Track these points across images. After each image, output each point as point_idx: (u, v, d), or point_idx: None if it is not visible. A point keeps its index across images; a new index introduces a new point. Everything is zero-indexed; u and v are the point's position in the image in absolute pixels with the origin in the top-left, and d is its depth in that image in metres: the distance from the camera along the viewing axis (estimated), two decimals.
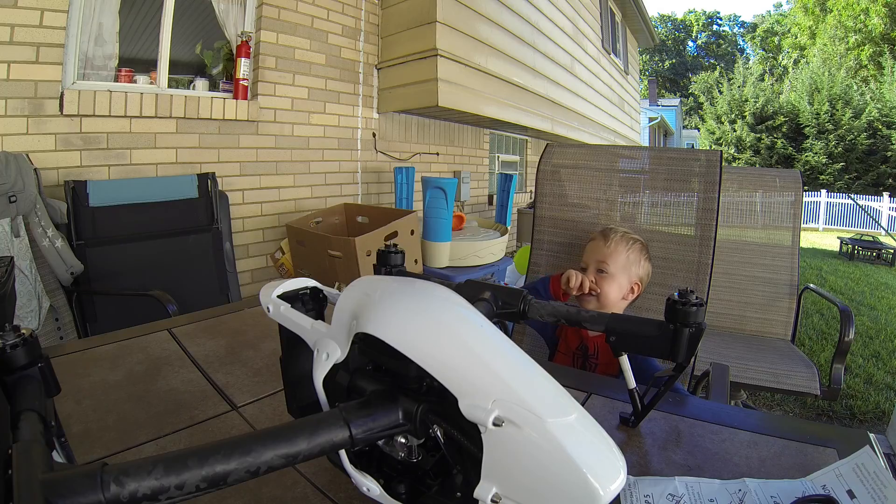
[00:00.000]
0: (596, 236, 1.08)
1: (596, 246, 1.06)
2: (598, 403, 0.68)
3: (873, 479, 0.46)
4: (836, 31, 19.19)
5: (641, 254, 1.05)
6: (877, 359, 3.06)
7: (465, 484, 0.35)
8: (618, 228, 1.08)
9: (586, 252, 1.08)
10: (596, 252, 1.05)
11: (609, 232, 1.06)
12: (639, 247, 1.05)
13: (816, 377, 1.63)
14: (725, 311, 2.10)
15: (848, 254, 7.36)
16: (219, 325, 0.96)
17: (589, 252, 1.07)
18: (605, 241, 1.05)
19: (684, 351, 0.48)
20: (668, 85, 34.35)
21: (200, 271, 2.11)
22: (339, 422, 0.32)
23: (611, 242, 1.04)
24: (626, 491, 0.47)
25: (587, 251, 1.08)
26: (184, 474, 0.26)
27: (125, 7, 2.21)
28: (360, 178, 3.30)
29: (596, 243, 1.07)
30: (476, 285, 0.55)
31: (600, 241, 1.06)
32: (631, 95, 8.76)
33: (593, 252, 1.06)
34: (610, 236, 1.05)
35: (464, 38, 3.26)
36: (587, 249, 1.09)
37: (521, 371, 0.31)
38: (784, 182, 2.14)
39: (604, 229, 1.09)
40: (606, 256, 1.03)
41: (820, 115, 14.86)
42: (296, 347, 0.47)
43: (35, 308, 1.56)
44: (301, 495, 0.48)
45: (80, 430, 0.58)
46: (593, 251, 1.06)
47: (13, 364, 0.34)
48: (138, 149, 2.17)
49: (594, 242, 1.07)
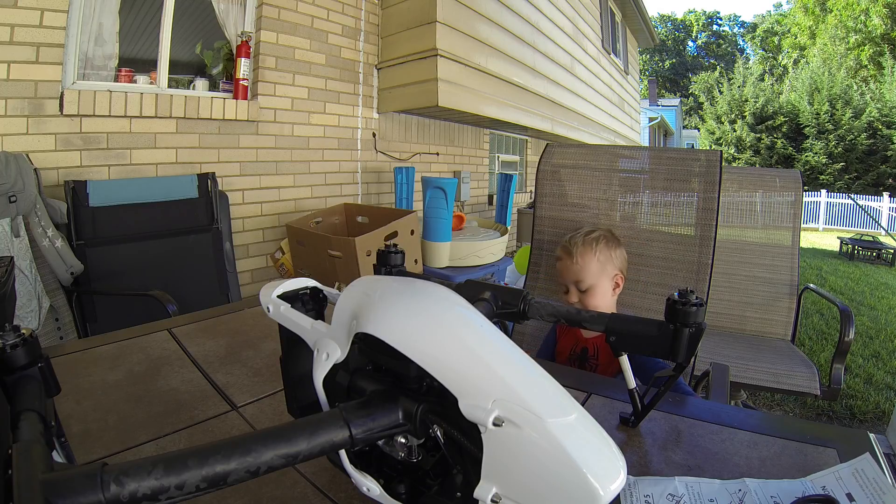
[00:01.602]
0: (561, 255, 1.06)
1: (565, 266, 1.04)
2: (598, 403, 0.68)
3: (872, 485, 0.46)
4: (836, 31, 19.18)
5: (610, 246, 1.03)
6: (877, 359, 3.06)
7: (465, 484, 0.35)
8: (576, 236, 1.05)
9: (560, 273, 1.06)
10: (567, 273, 1.03)
11: (570, 246, 1.03)
12: (604, 242, 1.03)
13: (816, 377, 1.63)
14: (725, 311, 2.10)
15: (848, 254, 7.36)
16: (219, 325, 0.96)
17: (562, 273, 1.05)
18: (570, 258, 1.02)
19: (684, 351, 0.48)
20: (668, 85, 34.35)
21: (200, 271, 2.11)
22: (339, 422, 0.32)
23: (576, 257, 1.01)
24: (626, 491, 0.47)
25: (560, 272, 1.06)
26: (184, 474, 0.26)
27: (125, 7, 2.21)
28: (360, 178, 3.30)
29: (563, 263, 1.04)
30: (476, 285, 0.55)
31: (566, 259, 1.03)
32: (631, 95, 8.76)
33: (566, 273, 1.04)
34: (573, 250, 1.02)
35: (464, 38, 3.26)
36: (559, 270, 1.06)
37: (521, 371, 0.31)
38: (784, 182, 2.14)
39: (564, 244, 1.06)
40: (579, 273, 1.01)
41: (820, 115, 14.86)
42: (296, 347, 0.47)
43: (35, 308, 1.56)
44: (301, 495, 0.48)
45: (80, 430, 0.58)
46: (565, 272, 1.04)
47: (13, 364, 0.34)
48: (138, 149, 2.17)
49: (562, 262, 1.05)
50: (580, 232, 1.07)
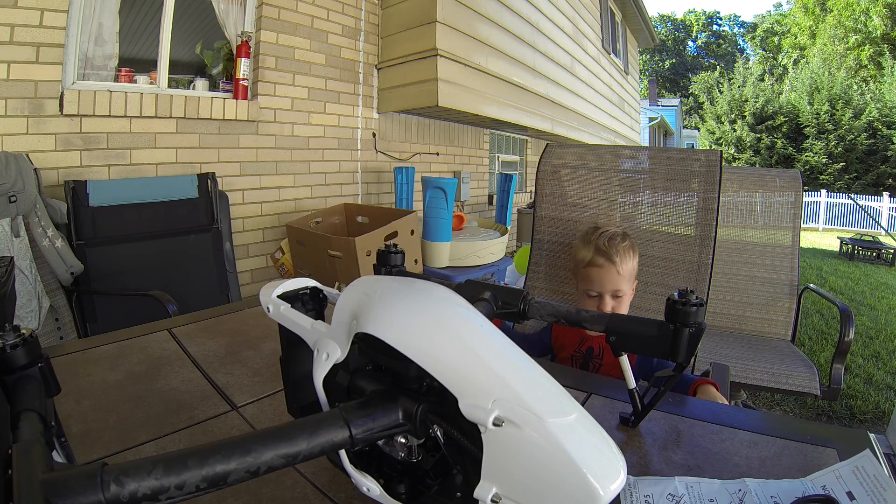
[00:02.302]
0: (602, 263, 0.98)
1: (607, 275, 0.97)
2: (598, 403, 0.68)
3: (873, 482, 0.46)
4: (836, 31, 19.18)
5: (636, 252, 1.01)
6: (877, 359, 3.06)
7: (465, 484, 0.35)
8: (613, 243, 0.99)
9: (593, 280, 0.99)
10: (609, 282, 0.97)
11: (610, 252, 0.97)
12: (632, 246, 1.01)
13: (816, 377, 1.63)
14: (725, 311, 2.10)
15: (848, 254, 7.36)
16: (219, 325, 0.96)
17: (599, 281, 0.98)
18: (613, 266, 0.96)
19: (684, 351, 0.48)
20: (668, 85, 34.35)
21: (200, 271, 2.11)
22: (339, 422, 0.32)
23: (620, 266, 0.96)
24: (626, 491, 0.47)
25: (595, 279, 0.99)
26: (184, 474, 0.26)
27: (125, 7, 2.21)
28: (360, 178, 3.30)
29: (604, 271, 0.97)
30: (476, 285, 0.55)
31: (609, 268, 0.97)
32: (631, 95, 8.76)
33: (607, 281, 0.97)
34: (614, 258, 0.96)
35: (464, 38, 3.26)
36: (594, 277, 0.99)
37: (521, 371, 0.31)
38: (784, 182, 2.14)
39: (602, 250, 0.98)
40: (620, 283, 0.97)
41: (820, 115, 14.86)
42: (296, 347, 0.47)
43: (35, 308, 1.56)
44: (301, 495, 0.48)
45: (80, 430, 0.58)
46: (607, 281, 0.97)
47: (13, 364, 0.34)
48: (138, 149, 2.17)
49: (602, 270, 0.97)
50: (607, 234, 1.01)
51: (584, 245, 1.03)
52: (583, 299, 1.02)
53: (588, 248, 1.01)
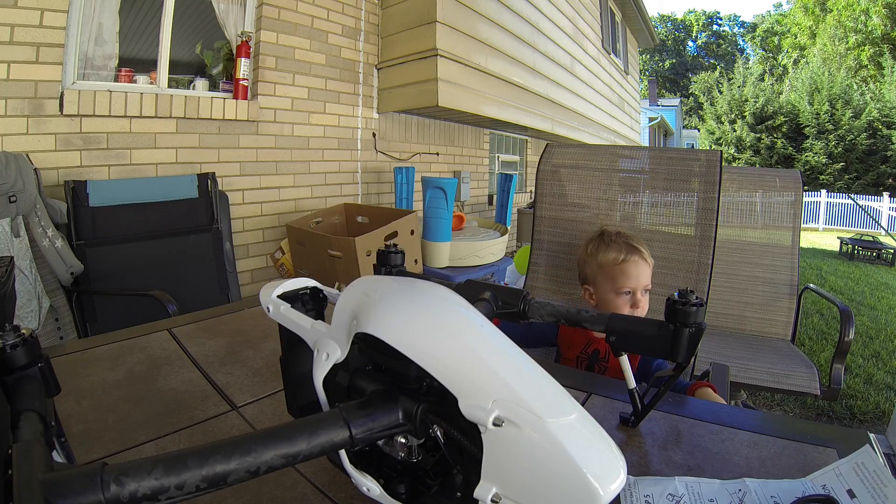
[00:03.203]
0: (634, 258, 0.99)
1: (642, 268, 0.98)
2: (598, 403, 0.68)
3: (873, 479, 0.46)
4: (836, 31, 19.18)
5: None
6: (877, 359, 3.06)
7: (465, 484, 0.35)
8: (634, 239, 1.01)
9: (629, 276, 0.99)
10: (644, 274, 0.98)
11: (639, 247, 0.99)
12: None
13: (816, 377, 1.63)
14: (725, 311, 2.10)
15: (848, 254, 7.36)
16: (219, 325, 0.96)
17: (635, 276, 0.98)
18: (644, 260, 0.98)
19: (684, 351, 0.48)
20: (668, 85, 34.35)
21: (200, 271, 2.11)
22: (339, 422, 0.32)
23: (648, 258, 0.99)
24: (626, 491, 0.47)
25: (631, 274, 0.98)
26: (184, 474, 0.26)
27: (125, 7, 2.21)
28: (360, 178, 3.30)
29: (636, 265, 0.98)
30: (476, 285, 0.55)
31: (641, 262, 0.98)
32: (631, 95, 8.76)
33: (642, 275, 0.98)
34: (643, 252, 0.98)
35: (464, 38, 3.26)
36: (630, 273, 0.98)
37: (521, 371, 0.31)
38: (784, 182, 2.14)
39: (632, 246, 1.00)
40: (650, 275, 0.99)
41: (820, 115, 14.87)
42: (296, 347, 0.47)
43: (35, 308, 1.56)
44: (301, 495, 0.48)
45: (80, 430, 0.58)
46: (642, 274, 0.98)
47: (13, 364, 0.34)
48: (138, 149, 2.17)
49: (633, 265, 0.98)
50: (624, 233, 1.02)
51: (606, 247, 1.02)
52: (613, 300, 1.01)
53: (612, 248, 1.01)
